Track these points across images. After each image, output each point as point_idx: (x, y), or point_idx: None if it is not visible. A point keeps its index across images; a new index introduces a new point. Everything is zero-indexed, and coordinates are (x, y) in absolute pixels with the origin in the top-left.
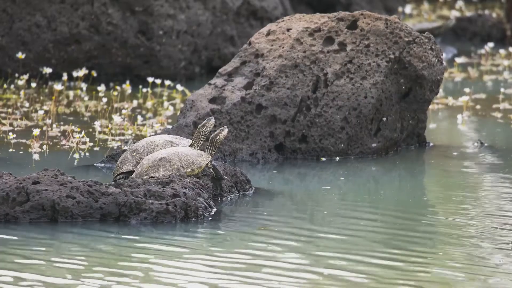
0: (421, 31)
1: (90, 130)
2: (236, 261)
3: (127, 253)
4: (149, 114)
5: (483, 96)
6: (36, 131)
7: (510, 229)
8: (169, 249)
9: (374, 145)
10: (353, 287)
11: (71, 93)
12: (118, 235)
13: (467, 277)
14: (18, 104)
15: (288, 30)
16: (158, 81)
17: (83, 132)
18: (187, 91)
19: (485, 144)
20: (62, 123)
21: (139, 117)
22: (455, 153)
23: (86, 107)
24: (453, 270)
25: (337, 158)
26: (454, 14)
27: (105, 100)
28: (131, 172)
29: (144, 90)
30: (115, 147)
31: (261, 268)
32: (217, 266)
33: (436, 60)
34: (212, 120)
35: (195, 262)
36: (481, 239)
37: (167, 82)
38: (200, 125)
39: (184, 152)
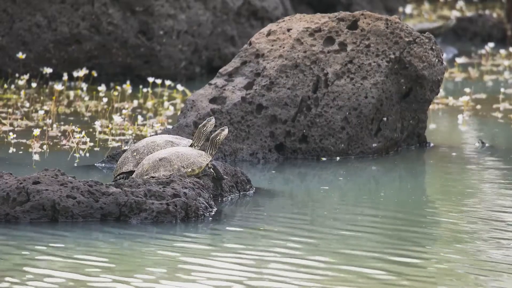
0: (422, 31)
1: (91, 130)
2: (237, 261)
3: (131, 252)
4: (150, 114)
5: (483, 96)
6: (37, 131)
7: (510, 229)
8: (170, 248)
9: (374, 145)
10: (354, 286)
11: (71, 93)
12: (120, 234)
13: (467, 276)
14: (19, 104)
15: (288, 30)
16: (159, 81)
17: (83, 132)
18: (187, 91)
19: (487, 144)
20: (62, 123)
21: (139, 117)
22: (455, 153)
23: (87, 107)
24: (454, 269)
25: (338, 158)
26: (455, 14)
27: (105, 100)
28: (132, 172)
29: (145, 90)
30: (115, 147)
31: (262, 267)
32: (218, 265)
33: (437, 60)
34: (212, 120)
35: (195, 261)
36: (481, 238)
37: (168, 82)
38: (200, 125)
39: (184, 152)
